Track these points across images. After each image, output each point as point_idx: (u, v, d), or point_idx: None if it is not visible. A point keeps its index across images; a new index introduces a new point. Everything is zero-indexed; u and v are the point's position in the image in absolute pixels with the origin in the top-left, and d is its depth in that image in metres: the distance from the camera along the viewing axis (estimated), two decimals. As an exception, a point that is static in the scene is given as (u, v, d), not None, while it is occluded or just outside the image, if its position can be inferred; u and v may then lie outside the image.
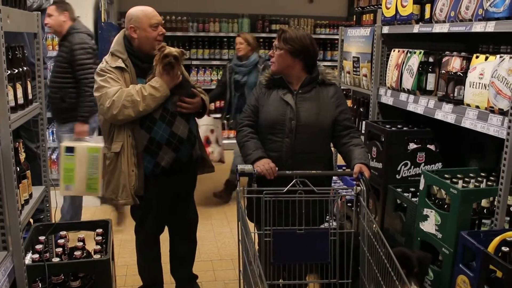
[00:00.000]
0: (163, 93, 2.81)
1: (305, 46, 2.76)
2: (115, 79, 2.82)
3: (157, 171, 2.93)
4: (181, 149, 2.94)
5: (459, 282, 2.32)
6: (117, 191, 2.89)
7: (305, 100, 2.78)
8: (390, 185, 3.06)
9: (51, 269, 2.25)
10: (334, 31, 8.17)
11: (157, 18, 2.92)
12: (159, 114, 2.87)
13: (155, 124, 2.87)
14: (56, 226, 2.75)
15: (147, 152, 2.90)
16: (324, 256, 2.61)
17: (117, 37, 2.97)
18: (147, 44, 2.89)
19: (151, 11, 2.92)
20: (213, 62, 7.91)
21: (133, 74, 2.89)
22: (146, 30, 2.88)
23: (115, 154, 2.87)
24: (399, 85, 3.24)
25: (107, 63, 2.87)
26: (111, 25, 5.38)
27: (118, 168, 2.88)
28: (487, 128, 2.43)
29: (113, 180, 2.91)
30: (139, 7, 2.93)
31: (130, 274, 3.80)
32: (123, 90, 2.77)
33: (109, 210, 5.00)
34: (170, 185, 3.02)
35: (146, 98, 2.77)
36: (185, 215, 3.27)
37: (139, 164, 2.90)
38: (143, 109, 2.78)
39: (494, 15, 2.44)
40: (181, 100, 2.91)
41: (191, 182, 3.24)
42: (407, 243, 2.84)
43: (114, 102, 2.74)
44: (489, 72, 2.43)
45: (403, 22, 3.26)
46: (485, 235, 2.30)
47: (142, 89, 2.79)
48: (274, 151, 2.78)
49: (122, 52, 2.89)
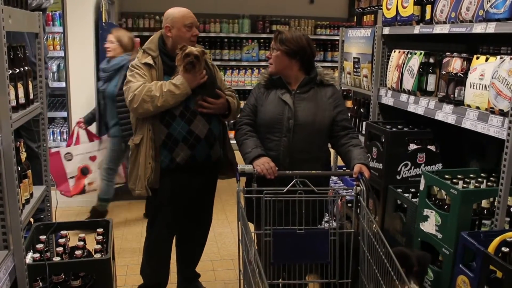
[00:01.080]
0: (183, 90, 2.86)
1: (301, 46, 2.79)
2: (141, 75, 2.92)
3: (172, 166, 2.98)
4: (198, 148, 2.97)
5: (459, 283, 2.32)
6: (136, 182, 2.99)
7: (303, 100, 2.80)
8: (391, 186, 3.06)
9: (52, 268, 2.26)
10: (335, 32, 8.19)
11: (192, 19, 3.01)
12: (179, 111, 2.93)
13: (174, 121, 2.93)
14: (57, 225, 2.76)
15: (164, 146, 2.96)
16: (324, 256, 2.62)
17: (153, 36, 3.07)
18: (180, 43, 2.94)
19: (187, 12, 3.01)
20: (213, 62, 7.90)
21: (160, 71, 2.97)
22: (180, 30, 2.96)
23: (135, 146, 2.97)
24: (400, 86, 3.24)
25: (138, 59, 3.00)
26: (112, 26, 5.37)
27: (138, 160, 2.98)
28: (487, 129, 2.44)
29: (134, 170, 3.01)
30: (176, 8, 3.03)
31: (130, 274, 3.80)
32: (145, 85, 2.85)
33: (109, 210, 5.01)
34: (185, 183, 3.05)
35: (165, 94, 2.83)
36: (198, 217, 3.28)
37: (157, 157, 2.96)
38: (161, 104, 2.83)
39: (495, 16, 2.44)
40: (204, 99, 2.94)
41: (209, 183, 3.24)
42: (408, 243, 2.85)
43: (135, 96, 2.83)
44: (490, 73, 2.43)
45: (404, 23, 3.27)
46: (485, 235, 2.30)
47: (163, 85, 2.85)
48: (272, 150, 2.80)
49: (154, 50, 2.98)
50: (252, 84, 7.98)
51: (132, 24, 7.54)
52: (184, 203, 3.13)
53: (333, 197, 2.76)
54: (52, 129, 5.50)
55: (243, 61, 8.00)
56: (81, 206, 5.19)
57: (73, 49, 5.06)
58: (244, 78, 8.00)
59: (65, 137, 5.44)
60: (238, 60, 8.02)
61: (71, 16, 5.00)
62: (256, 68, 8.03)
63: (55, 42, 5.33)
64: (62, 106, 5.53)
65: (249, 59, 8.01)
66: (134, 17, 7.61)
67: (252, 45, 8.03)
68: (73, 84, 5.11)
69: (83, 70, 5.12)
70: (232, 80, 7.97)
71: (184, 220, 3.22)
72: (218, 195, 3.12)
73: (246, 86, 8.00)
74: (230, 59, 8.00)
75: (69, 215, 4.88)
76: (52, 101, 5.76)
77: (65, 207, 5.01)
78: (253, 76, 7.98)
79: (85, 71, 5.14)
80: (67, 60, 5.06)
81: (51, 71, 5.28)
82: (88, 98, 5.17)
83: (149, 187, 2.97)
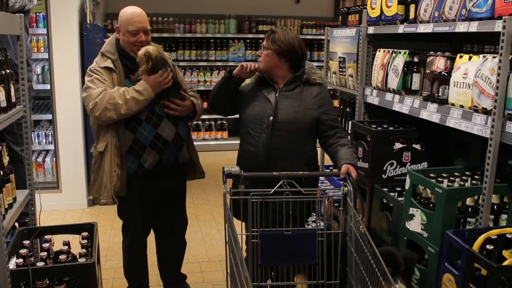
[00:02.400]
0: (146, 96, 2.81)
1: (292, 47, 2.80)
2: (101, 80, 2.83)
3: (140, 172, 2.93)
4: (166, 152, 2.93)
5: (445, 281, 2.34)
6: (100, 191, 2.91)
7: (287, 98, 2.81)
8: (376, 185, 3.07)
9: (35, 274, 2.23)
10: (321, 32, 8.21)
11: (137, 26, 2.87)
12: (145, 115, 2.87)
13: (140, 125, 2.87)
14: (41, 230, 2.72)
15: (130, 153, 2.90)
16: (311, 257, 2.61)
17: (110, 37, 3.00)
18: (126, 46, 2.91)
19: (135, 16, 2.88)
20: (200, 63, 7.92)
21: (121, 74, 2.91)
22: (125, 35, 2.90)
23: (99, 153, 2.90)
24: (385, 85, 3.25)
25: (96, 63, 2.91)
26: (97, 27, 5.33)
27: (102, 168, 2.90)
28: (471, 127, 2.45)
29: (98, 179, 2.93)
30: (129, 9, 2.92)
31: (117, 277, 3.77)
32: (106, 92, 2.78)
33: (96, 213, 4.97)
34: (153, 188, 3.01)
35: (129, 102, 2.77)
36: (172, 220, 3.25)
37: (122, 165, 2.89)
38: (125, 112, 2.78)
39: (477, 15, 2.45)
40: (169, 101, 2.91)
41: (179, 186, 3.21)
42: (394, 242, 2.85)
43: (97, 104, 2.76)
44: (473, 71, 2.45)
45: (388, 23, 3.27)
46: (470, 233, 2.31)
47: (126, 92, 2.78)
48: (252, 145, 2.82)
49: (113, 52, 2.91)
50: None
51: (118, 26, 7.48)
52: (155, 206, 3.10)
53: (320, 197, 2.76)
54: (37, 132, 5.44)
55: (229, 62, 7.98)
56: (67, 209, 5.16)
57: (58, 51, 5.01)
58: (230, 79, 7.97)
59: (50, 139, 5.39)
60: (225, 60, 8.00)
61: (55, 17, 4.95)
62: (243, 68, 7.99)
63: (39, 44, 5.27)
64: (47, 108, 5.47)
65: (236, 59, 7.99)
66: (119, 18, 7.55)
67: (239, 45, 8.02)
68: (58, 86, 5.06)
69: (68, 72, 5.06)
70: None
71: (157, 221, 3.21)
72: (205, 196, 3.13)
73: (233, 86, 7.98)
74: (217, 59, 7.98)
75: (55, 219, 4.83)
76: (37, 104, 5.70)
77: (51, 211, 4.98)
78: (239, 76, 7.96)
79: (70, 73, 5.08)
80: (51, 62, 5.02)
81: (35, 74, 5.22)
82: (73, 101, 5.12)
83: (115, 195, 2.91)
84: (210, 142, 7.88)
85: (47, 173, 5.45)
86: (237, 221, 2.62)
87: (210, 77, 7.96)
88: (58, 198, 5.15)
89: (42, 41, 5.26)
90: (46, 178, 5.42)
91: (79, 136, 5.22)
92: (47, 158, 5.49)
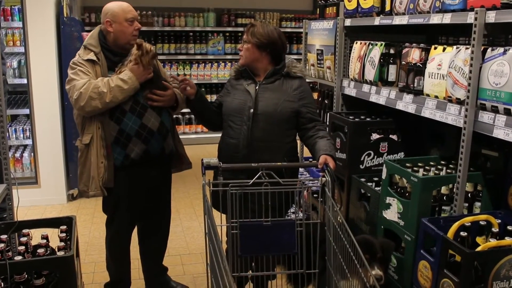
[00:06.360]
0: (131, 85, 2.83)
1: (272, 40, 2.83)
2: (85, 72, 2.85)
3: (127, 162, 2.94)
4: (152, 141, 2.95)
5: (421, 268, 2.39)
6: (88, 183, 2.92)
7: (267, 91, 2.84)
8: (354, 175, 3.11)
9: (13, 268, 2.21)
10: (300, 25, 8.22)
11: (133, 13, 2.98)
12: (129, 106, 2.89)
13: (125, 116, 2.89)
14: (18, 224, 2.70)
15: (117, 143, 2.91)
16: (291, 247, 2.63)
17: (93, 31, 3.00)
18: (123, 38, 2.93)
19: (127, 6, 2.97)
20: (179, 56, 7.88)
21: (104, 67, 2.92)
22: (122, 25, 2.92)
23: (85, 146, 2.90)
24: (362, 77, 3.29)
25: (79, 56, 2.92)
26: (74, 20, 5.26)
27: (88, 160, 2.90)
28: (445, 117, 2.50)
29: (85, 171, 2.94)
30: (116, 2, 2.98)
31: (98, 271, 3.76)
32: (90, 82, 2.79)
33: (75, 208, 4.94)
34: (141, 178, 3.02)
35: (113, 90, 2.78)
36: (160, 216, 3.26)
37: (109, 156, 2.91)
38: (110, 100, 2.79)
39: (450, 7, 2.50)
40: (152, 93, 2.93)
41: (165, 177, 3.22)
42: (372, 231, 2.90)
43: (82, 94, 2.77)
44: (447, 62, 2.50)
45: (365, 15, 3.31)
46: (445, 221, 2.37)
47: (110, 80, 2.81)
48: (233, 138, 2.86)
49: (95, 45, 2.92)
50: (218, 77, 7.96)
51: (96, 19, 7.40)
52: (142, 197, 3.10)
53: (299, 188, 2.78)
54: (14, 127, 5.38)
55: (208, 55, 7.97)
56: (46, 204, 5.11)
57: (34, 44, 4.94)
58: (210, 72, 7.97)
59: (28, 134, 5.32)
60: (204, 54, 7.98)
61: (30, 10, 4.87)
62: (222, 61, 7.99)
63: (14, 37, 5.19)
64: (24, 103, 5.40)
65: (215, 53, 7.98)
66: (97, 11, 7.45)
67: (218, 38, 7.99)
68: (35, 80, 4.99)
69: (45, 66, 5.00)
70: (198, 74, 7.94)
71: (143, 214, 3.21)
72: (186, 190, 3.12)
73: (212, 80, 7.98)
74: (196, 53, 7.95)
75: (34, 214, 4.79)
76: (14, 98, 5.62)
77: (29, 206, 4.94)
78: (219, 69, 7.95)
79: (47, 67, 5.02)
80: (27, 56, 4.95)
81: (11, 68, 5.15)
82: (51, 94, 5.06)
83: (103, 186, 2.92)
84: (190, 135, 7.86)
85: (25, 168, 5.38)
86: (217, 212, 2.63)
87: (190, 70, 7.92)
88: (37, 194, 5.11)
89: (18, 34, 5.19)
90: (25, 174, 5.36)
91: (58, 131, 5.16)
92: (25, 153, 5.42)
